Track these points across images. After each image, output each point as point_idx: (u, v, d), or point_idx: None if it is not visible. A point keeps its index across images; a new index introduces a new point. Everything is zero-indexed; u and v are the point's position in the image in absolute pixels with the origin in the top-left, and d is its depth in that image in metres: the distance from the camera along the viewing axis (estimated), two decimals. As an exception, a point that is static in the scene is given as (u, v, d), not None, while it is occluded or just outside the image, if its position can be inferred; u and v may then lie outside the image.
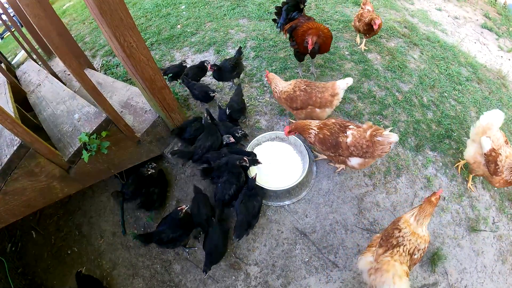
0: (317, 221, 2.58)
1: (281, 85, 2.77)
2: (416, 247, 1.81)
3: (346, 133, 2.25)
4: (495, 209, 2.82)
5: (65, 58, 1.89)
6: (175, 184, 2.89)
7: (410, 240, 1.81)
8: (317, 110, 2.69)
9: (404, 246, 1.80)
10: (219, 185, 2.49)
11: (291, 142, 2.89)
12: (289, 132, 2.48)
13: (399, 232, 1.85)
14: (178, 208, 2.30)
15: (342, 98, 2.70)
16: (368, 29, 3.64)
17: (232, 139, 2.75)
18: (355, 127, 2.26)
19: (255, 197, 2.38)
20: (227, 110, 2.97)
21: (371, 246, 2.03)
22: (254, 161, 2.57)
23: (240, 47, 3.55)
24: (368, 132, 2.17)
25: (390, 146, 2.13)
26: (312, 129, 2.38)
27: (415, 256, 1.81)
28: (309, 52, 3.06)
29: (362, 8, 3.86)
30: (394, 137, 2.09)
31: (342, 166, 2.78)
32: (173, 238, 2.30)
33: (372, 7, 3.86)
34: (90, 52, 4.87)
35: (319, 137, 2.34)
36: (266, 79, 2.98)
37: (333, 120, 2.38)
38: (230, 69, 3.25)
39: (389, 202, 2.67)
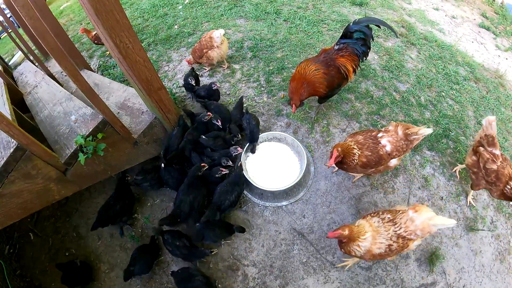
0: (315, 221, 2.58)
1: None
2: None
3: (381, 143, 2.18)
4: (493, 209, 2.82)
5: (61, 59, 1.88)
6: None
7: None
8: (209, 51, 3.53)
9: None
10: (217, 190, 2.49)
11: (289, 143, 2.89)
12: (336, 158, 2.12)
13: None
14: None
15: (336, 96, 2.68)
16: None
17: (239, 149, 2.65)
18: (384, 133, 2.20)
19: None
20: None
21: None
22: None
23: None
24: (400, 132, 2.17)
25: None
26: (354, 148, 2.17)
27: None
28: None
29: (481, 149, 2.35)
30: (428, 131, 2.13)
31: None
32: None
33: (499, 148, 2.36)
34: (87, 53, 4.87)
35: (362, 161, 2.18)
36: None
37: (361, 137, 2.24)
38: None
39: (386, 202, 2.67)
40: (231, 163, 2.65)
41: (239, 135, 2.86)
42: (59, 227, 2.93)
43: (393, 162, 2.32)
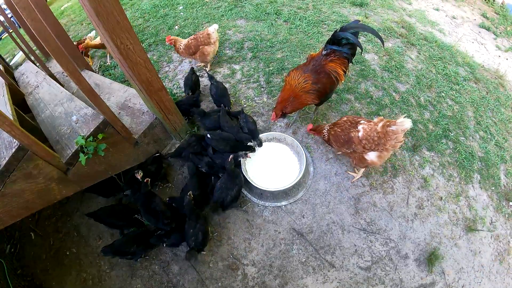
0: (314, 221, 2.59)
1: (182, 42, 3.67)
2: None
3: (357, 128, 2.34)
4: (492, 209, 2.82)
5: (62, 60, 1.90)
6: (174, 184, 2.91)
7: None
8: (206, 47, 3.57)
9: None
10: (217, 186, 2.50)
11: (288, 143, 2.91)
12: (311, 130, 2.75)
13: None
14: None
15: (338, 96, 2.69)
16: None
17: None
18: (366, 122, 2.34)
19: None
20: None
21: None
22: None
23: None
24: (380, 124, 2.22)
25: (404, 134, 2.16)
26: (324, 129, 2.62)
27: None
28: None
29: None
30: (408, 123, 2.09)
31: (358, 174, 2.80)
32: None
33: None
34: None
35: (332, 134, 2.51)
36: (168, 42, 3.73)
37: (345, 118, 2.51)
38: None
39: (385, 202, 2.68)
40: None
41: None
42: (60, 226, 2.95)
43: (370, 156, 2.36)
